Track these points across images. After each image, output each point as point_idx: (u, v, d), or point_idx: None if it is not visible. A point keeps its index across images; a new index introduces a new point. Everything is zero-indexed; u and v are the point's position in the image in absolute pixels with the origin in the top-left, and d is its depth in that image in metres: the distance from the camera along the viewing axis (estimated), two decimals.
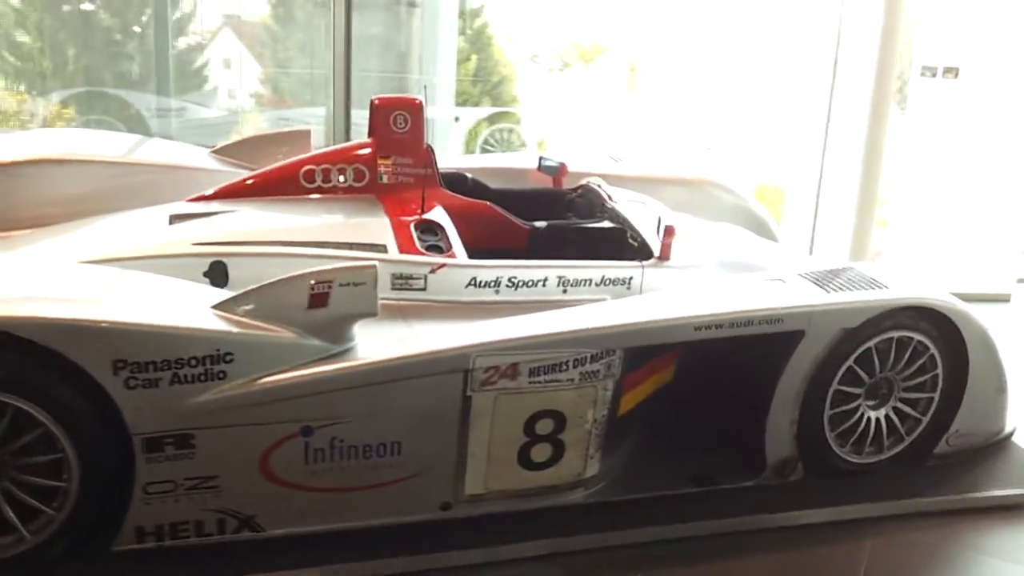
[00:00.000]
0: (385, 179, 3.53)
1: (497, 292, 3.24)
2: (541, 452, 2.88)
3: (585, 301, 3.25)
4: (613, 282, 3.36)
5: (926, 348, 3.26)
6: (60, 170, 3.62)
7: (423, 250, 3.24)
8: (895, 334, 3.19)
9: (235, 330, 2.51)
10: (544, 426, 2.85)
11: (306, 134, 4.05)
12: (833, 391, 3.18)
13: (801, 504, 3.19)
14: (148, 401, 2.44)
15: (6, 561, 2.48)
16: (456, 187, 3.87)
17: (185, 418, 2.49)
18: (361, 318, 2.66)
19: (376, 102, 3.56)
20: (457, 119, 6.90)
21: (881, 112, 5.47)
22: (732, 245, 3.89)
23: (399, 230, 3.29)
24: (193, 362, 2.45)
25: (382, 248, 3.19)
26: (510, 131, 7.38)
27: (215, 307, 2.57)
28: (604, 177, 4.34)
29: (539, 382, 2.78)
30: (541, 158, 4.21)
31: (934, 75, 5.76)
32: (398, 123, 3.54)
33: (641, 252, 3.49)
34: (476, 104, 11.62)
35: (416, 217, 3.36)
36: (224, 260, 3.03)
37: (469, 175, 4.01)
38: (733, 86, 10.05)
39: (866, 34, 5.60)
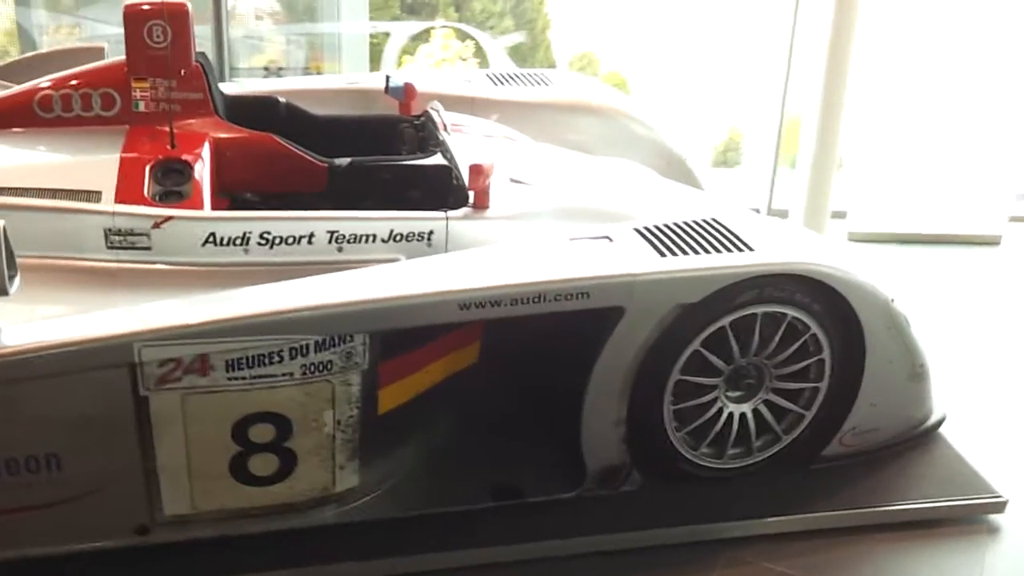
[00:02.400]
0: (141, 106, 2.83)
1: (247, 251, 2.56)
2: (263, 464, 2.23)
3: (368, 263, 2.57)
4: (406, 237, 2.65)
5: (805, 327, 2.52)
6: None
7: (152, 198, 2.57)
8: (759, 309, 2.45)
9: None
10: (261, 432, 2.19)
11: (98, 51, 3.36)
12: (675, 382, 2.47)
13: (633, 522, 2.51)
14: None
15: None
16: (264, 115, 3.18)
17: None
18: None
19: (126, 9, 2.84)
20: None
21: (846, 31, 4.54)
22: (597, 189, 3.14)
23: (127, 172, 2.61)
24: None
25: (95, 196, 2.52)
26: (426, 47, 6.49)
27: None
28: (476, 101, 3.62)
29: (242, 378, 2.11)
30: (387, 78, 3.47)
31: None
32: (154, 35, 2.82)
33: (457, 198, 2.77)
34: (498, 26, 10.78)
35: (156, 156, 2.68)
36: None
37: (283, 99, 3.29)
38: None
39: None
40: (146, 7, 2.81)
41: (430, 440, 2.61)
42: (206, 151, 2.77)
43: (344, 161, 2.94)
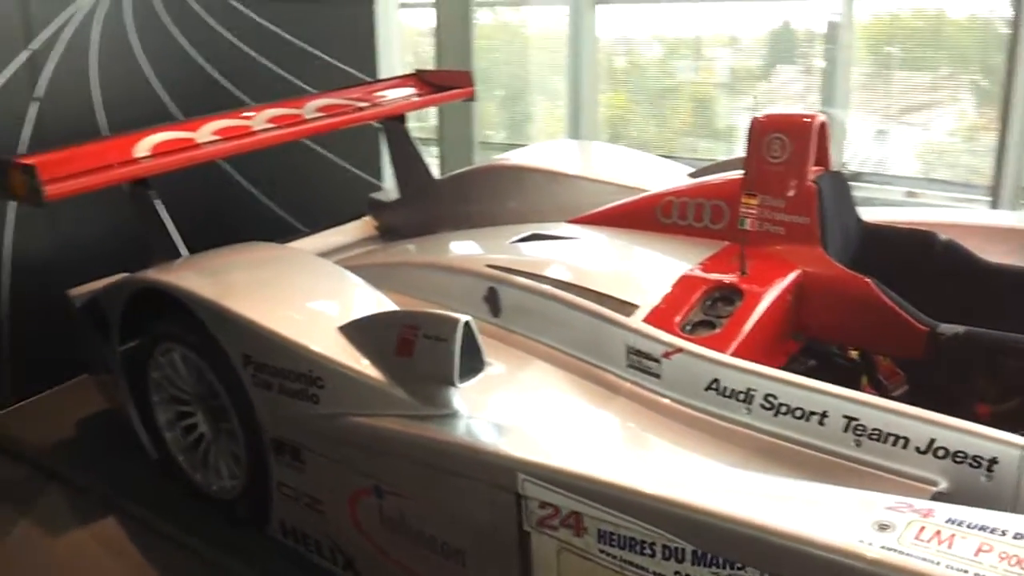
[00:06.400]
0: (747, 224, 2.56)
1: (748, 411, 2.10)
2: None
3: (893, 473, 1.88)
4: (954, 457, 1.81)
5: None
6: (541, 180, 3.63)
7: (683, 325, 2.30)
8: None
9: (330, 356, 2.27)
10: None
11: None
12: None
13: None
14: (268, 401, 2.42)
15: (212, 502, 2.79)
16: (913, 250, 2.59)
17: (294, 430, 2.39)
18: (440, 383, 2.09)
19: (753, 121, 2.58)
20: None
21: None
22: None
23: (678, 291, 2.40)
24: (293, 376, 2.33)
25: (630, 308, 2.38)
26: None
27: (340, 328, 2.36)
28: None
29: (612, 557, 1.76)
30: None
31: None
32: (772, 149, 2.51)
33: None
34: None
35: (720, 277, 2.38)
36: (497, 288, 2.70)
37: (944, 236, 2.59)
38: None
39: None
40: (771, 119, 2.55)
41: None
42: (780, 285, 2.38)
43: (955, 329, 2.19)
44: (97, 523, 2.85)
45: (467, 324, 2.06)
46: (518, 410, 2.26)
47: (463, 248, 3.12)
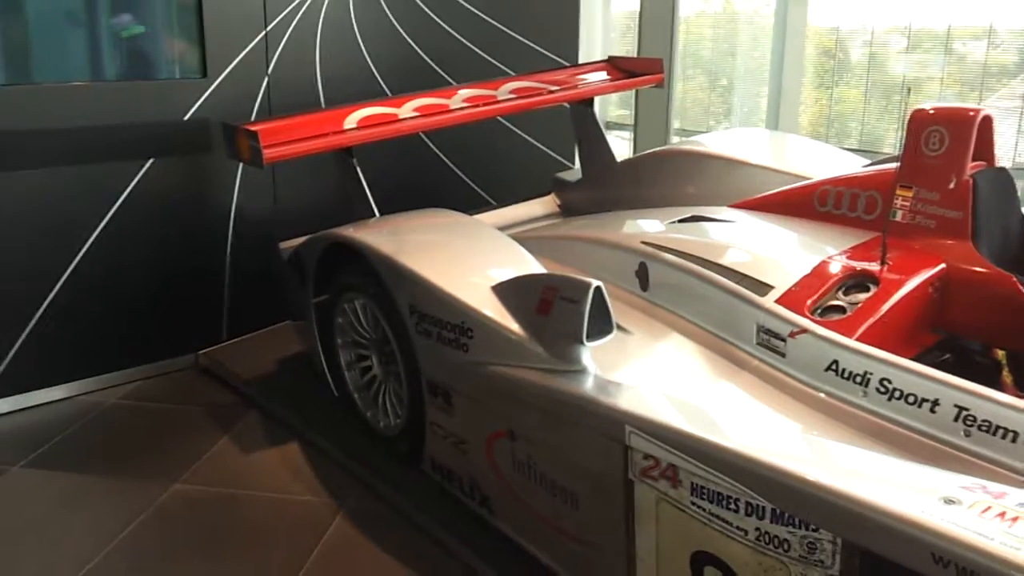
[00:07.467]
0: (899, 216, 2.55)
1: (864, 394, 2.13)
2: None
3: (999, 465, 1.89)
4: None
5: None
6: (720, 167, 3.70)
7: (814, 308, 2.34)
8: None
9: (480, 309, 2.51)
10: None
11: None
12: None
13: None
14: (427, 348, 2.71)
15: (378, 438, 3.13)
16: None
17: (446, 375, 2.66)
18: (572, 342, 2.28)
19: (913, 113, 2.55)
20: None
21: None
22: None
23: (815, 275, 2.43)
24: (448, 326, 2.59)
25: (766, 289, 2.45)
26: None
27: (493, 287, 2.59)
28: None
29: (702, 509, 1.89)
30: None
31: None
32: (931, 142, 2.48)
33: None
34: None
35: (859, 265, 2.40)
36: (648, 263, 2.84)
37: None
38: None
39: None
40: (932, 111, 2.52)
41: None
42: (919, 278, 2.37)
43: None
44: (283, 446, 3.29)
45: (597, 289, 2.24)
46: (645, 374, 2.42)
47: (625, 226, 3.27)
